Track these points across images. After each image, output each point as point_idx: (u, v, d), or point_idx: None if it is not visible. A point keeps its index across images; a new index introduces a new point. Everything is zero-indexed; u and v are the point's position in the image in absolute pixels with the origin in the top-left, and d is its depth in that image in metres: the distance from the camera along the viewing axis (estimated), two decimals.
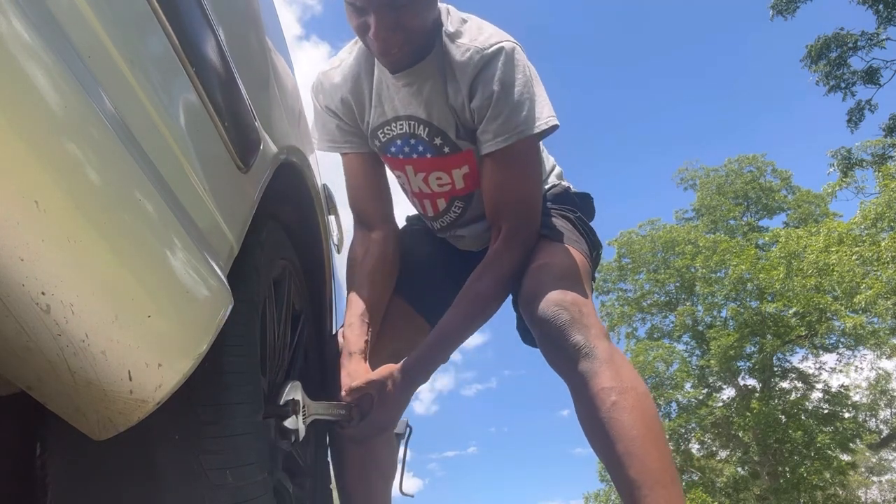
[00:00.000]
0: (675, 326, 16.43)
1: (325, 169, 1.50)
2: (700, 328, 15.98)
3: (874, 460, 18.45)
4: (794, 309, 13.50)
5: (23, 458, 0.69)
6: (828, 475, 13.78)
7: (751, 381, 15.56)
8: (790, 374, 15.59)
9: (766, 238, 15.69)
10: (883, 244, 9.72)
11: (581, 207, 1.43)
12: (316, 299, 1.40)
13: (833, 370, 15.41)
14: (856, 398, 15.39)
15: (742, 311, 14.56)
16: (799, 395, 15.22)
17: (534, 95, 1.19)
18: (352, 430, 1.17)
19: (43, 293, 0.41)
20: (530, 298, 1.15)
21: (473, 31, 1.21)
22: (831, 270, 11.39)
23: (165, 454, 0.64)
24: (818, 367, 15.48)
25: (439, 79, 1.22)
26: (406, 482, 1.80)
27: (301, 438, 1.03)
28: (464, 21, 1.24)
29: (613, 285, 17.54)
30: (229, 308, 0.62)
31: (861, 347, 14.58)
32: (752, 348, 14.93)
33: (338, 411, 1.15)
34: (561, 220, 1.34)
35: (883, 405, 16.04)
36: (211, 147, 0.70)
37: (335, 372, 1.23)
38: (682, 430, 15.55)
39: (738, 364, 15.14)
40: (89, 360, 0.44)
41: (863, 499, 18.47)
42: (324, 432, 1.36)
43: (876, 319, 12.07)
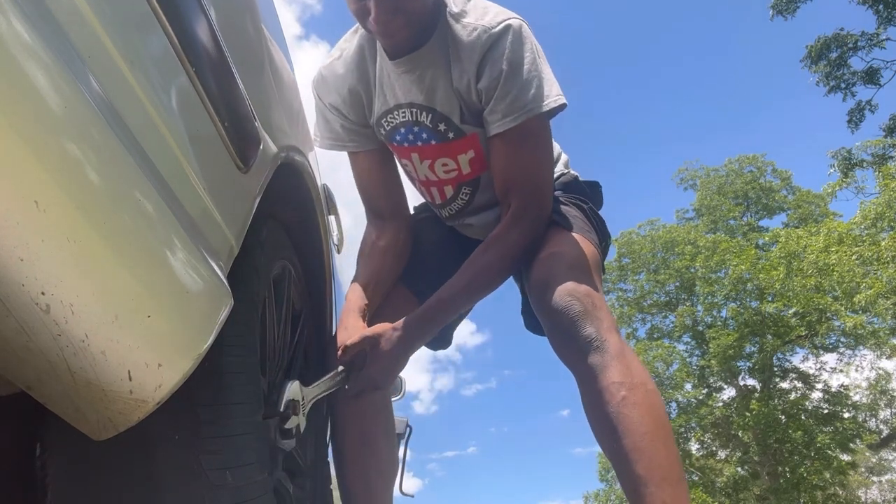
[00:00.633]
0: (674, 326, 16.44)
1: (325, 169, 1.50)
2: (700, 328, 15.98)
3: (874, 460, 18.45)
4: (794, 309, 13.50)
5: (23, 458, 0.69)
6: (828, 475, 13.78)
7: (751, 381, 15.57)
8: (790, 374, 15.59)
9: (766, 238, 15.70)
10: (883, 244, 9.72)
11: (590, 196, 1.42)
12: (316, 299, 1.40)
13: (833, 370, 15.41)
14: (856, 398, 15.39)
15: (742, 311, 14.56)
16: (799, 395, 15.22)
17: (542, 73, 1.17)
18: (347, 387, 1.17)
19: (43, 293, 0.41)
20: (542, 286, 1.14)
21: (479, 10, 1.19)
22: (831, 270, 11.40)
23: (165, 454, 0.64)
24: (819, 367, 15.49)
25: (443, 62, 1.20)
26: (406, 482, 1.80)
27: (303, 430, 1.03)
28: (467, 0, 1.21)
29: (613, 285, 17.54)
30: (229, 308, 0.62)
31: (861, 347, 14.58)
32: (752, 348, 14.93)
33: (334, 381, 1.15)
34: (572, 209, 1.32)
35: (883, 405, 16.04)
36: (211, 147, 0.70)
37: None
38: (682, 430, 15.55)
39: (738, 364, 15.14)
40: (89, 360, 0.44)
41: (863, 499, 18.46)
42: (324, 433, 1.36)
43: (876, 319, 12.08)
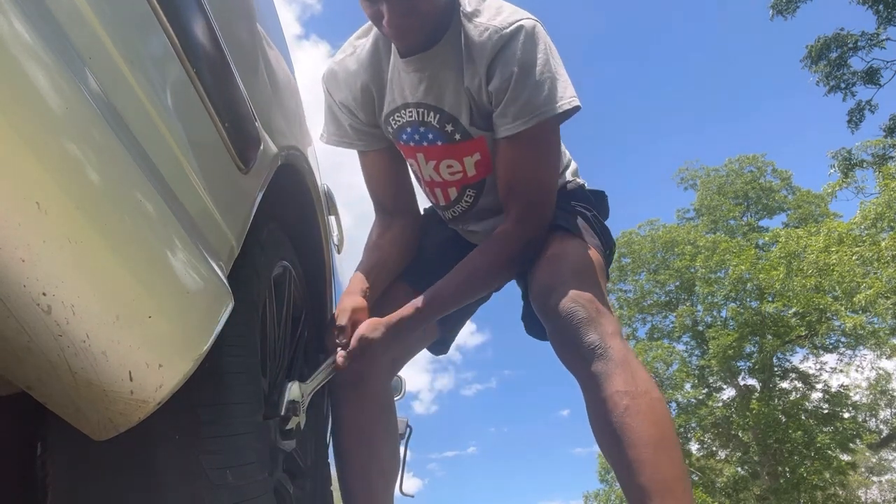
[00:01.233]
0: (674, 327, 16.43)
1: (325, 169, 1.50)
2: (700, 328, 15.98)
3: (874, 460, 18.45)
4: (794, 309, 13.50)
5: (23, 458, 0.69)
6: (828, 475, 13.77)
7: (751, 381, 15.56)
8: (790, 374, 15.59)
9: (766, 238, 15.69)
10: (883, 244, 9.72)
11: (596, 206, 1.41)
12: (316, 300, 1.40)
13: (833, 370, 15.42)
14: (856, 398, 15.39)
15: (742, 311, 14.55)
16: (799, 396, 15.22)
17: (555, 75, 1.15)
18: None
19: (44, 294, 0.41)
20: (545, 290, 1.13)
21: (492, 10, 1.18)
22: (831, 270, 11.39)
23: (165, 454, 0.64)
24: (819, 367, 15.49)
25: (454, 62, 1.19)
26: (406, 482, 1.80)
27: (302, 427, 1.03)
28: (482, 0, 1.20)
29: (613, 286, 17.51)
30: (229, 308, 0.62)
31: (861, 347, 14.58)
32: (752, 348, 14.93)
33: (328, 370, 1.15)
34: (577, 217, 1.31)
35: (883, 405, 16.04)
36: (211, 147, 0.70)
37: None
38: (682, 430, 15.55)
39: (738, 364, 15.14)
40: (90, 360, 0.44)
41: (863, 499, 18.46)
42: (324, 433, 1.36)
43: (876, 319, 12.07)
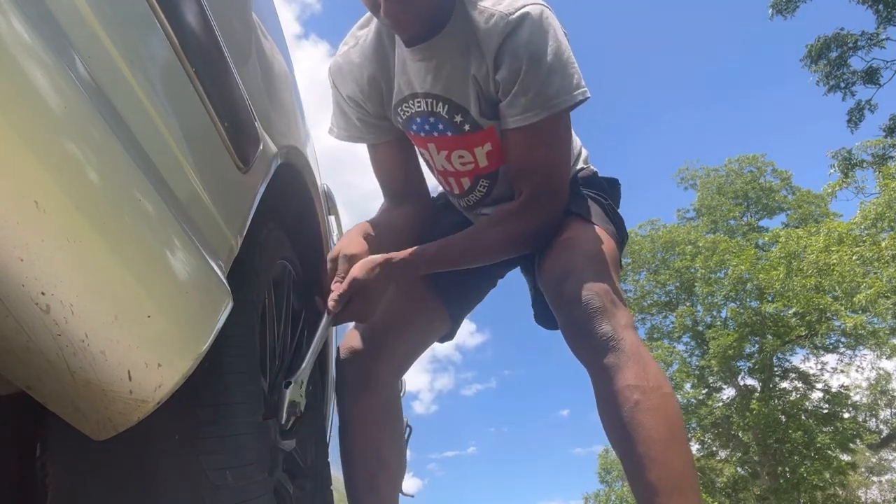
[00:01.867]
0: (674, 327, 16.43)
1: (325, 169, 1.50)
2: (700, 328, 15.98)
3: (874, 460, 18.46)
4: (794, 309, 13.50)
5: (23, 458, 0.69)
6: (828, 475, 13.78)
7: (751, 381, 15.57)
8: (790, 374, 15.59)
9: (766, 238, 15.70)
10: (883, 244, 9.72)
11: (609, 193, 1.39)
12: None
13: (834, 370, 15.42)
14: (856, 398, 15.40)
15: (742, 311, 14.55)
16: (799, 396, 15.22)
17: (565, 65, 1.11)
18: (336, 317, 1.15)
19: (43, 293, 0.41)
20: (559, 277, 1.11)
21: None
22: (831, 270, 11.39)
23: (165, 454, 0.64)
24: (819, 367, 15.49)
25: (460, 50, 1.15)
26: (406, 482, 1.80)
27: (304, 409, 1.02)
28: None
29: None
30: (229, 308, 0.62)
31: (861, 347, 14.59)
32: (752, 348, 14.93)
33: (327, 321, 1.11)
34: (594, 205, 1.29)
35: (883, 405, 16.05)
36: (211, 147, 0.70)
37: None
38: None
39: (738, 364, 15.14)
40: (89, 359, 0.44)
41: (863, 499, 18.46)
42: (324, 434, 1.36)
43: (876, 319, 12.08)
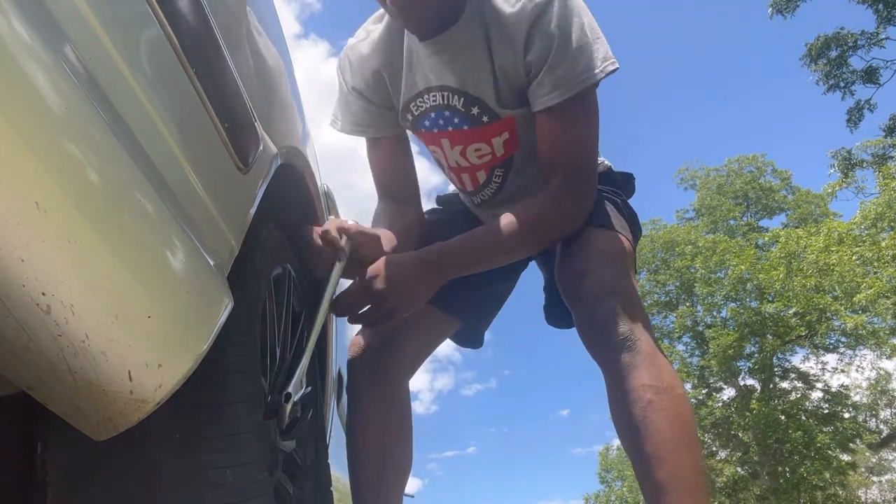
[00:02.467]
0: (674, 327, 16.42)
1: (325, 169, 1.49)
2: (700, 328, 15.97)
3: (874, 460, 18.46)
4: (794, 309, 13.50)
5: (23, 458, 0.69)
6: (828, 475, 13.78)
7: (751, 382, 15.57)
8: (790, 374, 15.59)
9: (766, 238, 15.70)
10: (883, 244, 9.72)
11: (624, 189, 1.38)
12: (316, 301, 1.40)
13: (834, 370, 15.42)
14: (856, 398, 15.40)
15: (742, 311, 14.55)
16: (799, 396, 15.22)
17: (592, 40, 1.11)
18: (369, 318, 1.12)
19: (43, 294, 0.41)
20: (577, 275, 1.11)
21: None
22: (831, 270, 11.40)
23: (165, 454, 0.64)
24: (819, 367, 15.49)
25: (478, 40, 1.13)
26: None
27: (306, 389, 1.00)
28: None
29: None
30: (229, 308, 0.62)
31: (861, 347, 14.59)
32: (752, 348, 14.93)
33: (335, 285, 1.06)
34: (608, 205, 1.29)
35: (883, 405, 16.05)
36: (210, 147, 0.70)
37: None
38: None
39: (738, 364, 15.14)
40: (89, 360, 0.44)
41: (863, 499, 18.46)
42: (324, 435, 1.36)
43: (876, 319, 12.08)
